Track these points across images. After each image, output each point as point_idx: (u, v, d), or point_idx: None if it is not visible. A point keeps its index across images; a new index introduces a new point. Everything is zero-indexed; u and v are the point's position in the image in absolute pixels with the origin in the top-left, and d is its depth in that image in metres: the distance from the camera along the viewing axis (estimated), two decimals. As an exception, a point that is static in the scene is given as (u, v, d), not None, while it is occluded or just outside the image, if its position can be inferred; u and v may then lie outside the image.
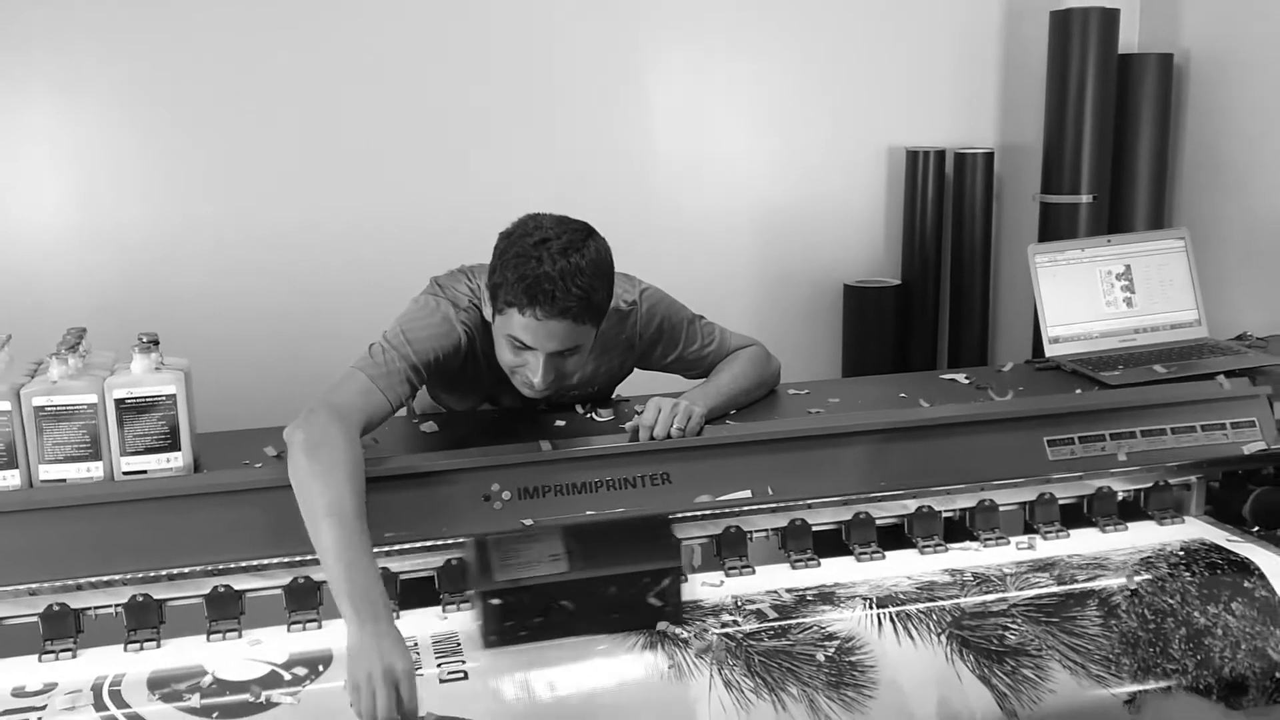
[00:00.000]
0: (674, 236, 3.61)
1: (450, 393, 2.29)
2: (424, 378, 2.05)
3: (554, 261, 1.93)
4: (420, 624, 1.95)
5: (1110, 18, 3.48)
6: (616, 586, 1.89)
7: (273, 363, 3.38)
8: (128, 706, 1.73)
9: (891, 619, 1.96)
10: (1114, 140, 3.56)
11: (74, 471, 1.87)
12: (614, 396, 2.37)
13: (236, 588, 1.95)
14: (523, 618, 1.86)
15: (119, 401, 1.85)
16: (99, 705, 1.73)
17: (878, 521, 2.21)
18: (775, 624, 1.94)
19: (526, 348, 1.99)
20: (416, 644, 1.85)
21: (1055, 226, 3.57)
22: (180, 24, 3.27)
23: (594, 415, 2.22)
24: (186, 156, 3.33)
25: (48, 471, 1.86)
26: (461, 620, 1.96)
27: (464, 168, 3.48)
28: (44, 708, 1.72)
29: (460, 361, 2.11)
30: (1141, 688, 1.94)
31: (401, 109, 3.43)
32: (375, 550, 1.94)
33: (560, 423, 2.18)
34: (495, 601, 1.84)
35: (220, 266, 3.37)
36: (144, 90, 3.28)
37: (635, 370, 2.36)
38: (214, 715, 1.72)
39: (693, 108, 3.64)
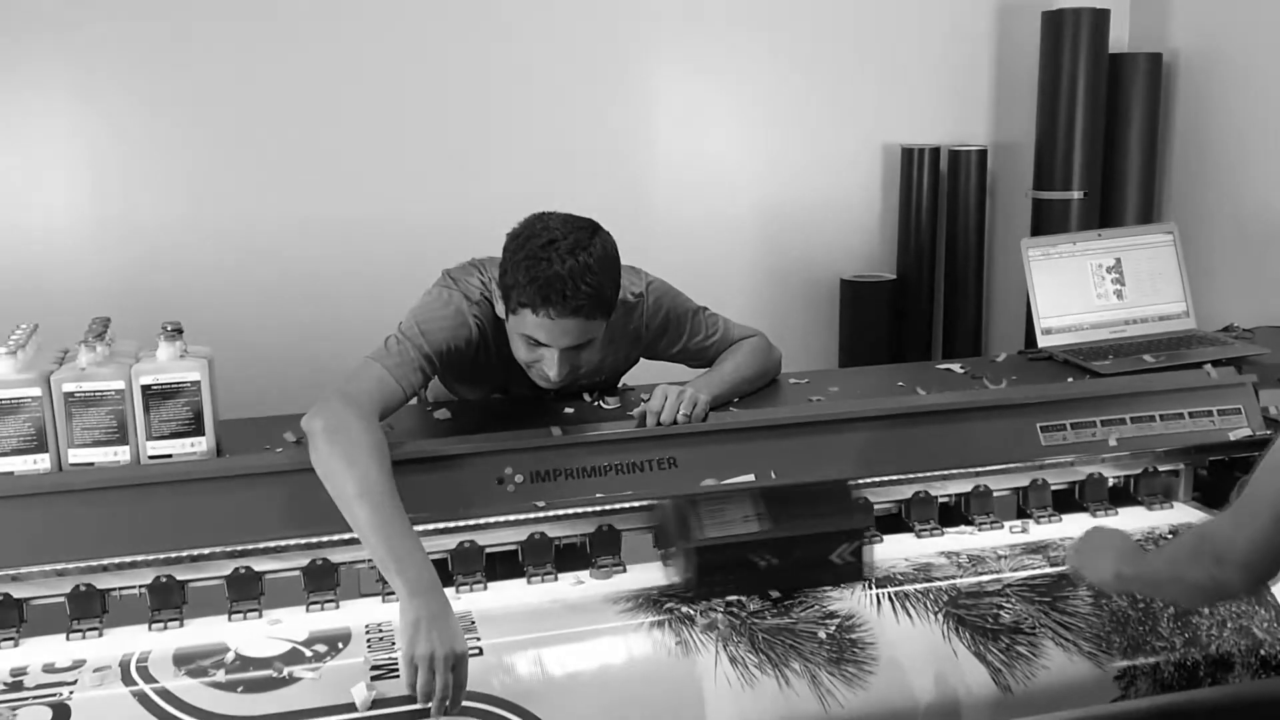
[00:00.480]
0: (675, 232, 3.67)
1: (463, 383, 2.35)
2: (437, 367, 2.10)
3: (563, 261, 1.98)
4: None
5: (1101, 18, 3.55)
6: (808, 546, 2.05)
7: (285, 353, 3.43)
8: (155, 681, 1.78)
9: (890, 598, 2.03)
10: (1105, 137, 3.62)
11: (102, 455, 1.92)
12: (620, 385, 2.43)
13: (257, 569, 2.01)
14: (724, 573, 2.02)
15: (145, 388, 1.91)
16: (127, 680, 1.78)
17: (876, 510, 2.27)
18: (778, 603, 2.00)
19: (541, 344, 2.05)
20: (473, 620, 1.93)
21: (1047, 222, 3.63)
22: (195, 19, 3.31)
23: (602, 403, 2.28)
24: (201, 150, 3.37)
25: (76, 455, 1.91)
26: (474, 600, 2.03)
27: (471, 166, 3.53)
28: (75, 683, 1.77)
29: (473, 353, 2.16)
30: (1132, 664, 2.01)
31: (408, 108, 3.48)
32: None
33: (569, 410, 2.23)
34: (697, 558, 2.00)
35: (234, 259, 3.41)
36: (160, 85, 3.32)
37: (641, 360, 2.42)
38: (238, 689, 1.77)
39: (692, 108, 3.69)
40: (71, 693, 1.75)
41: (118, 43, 3.28)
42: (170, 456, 1.95)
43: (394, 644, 1.86)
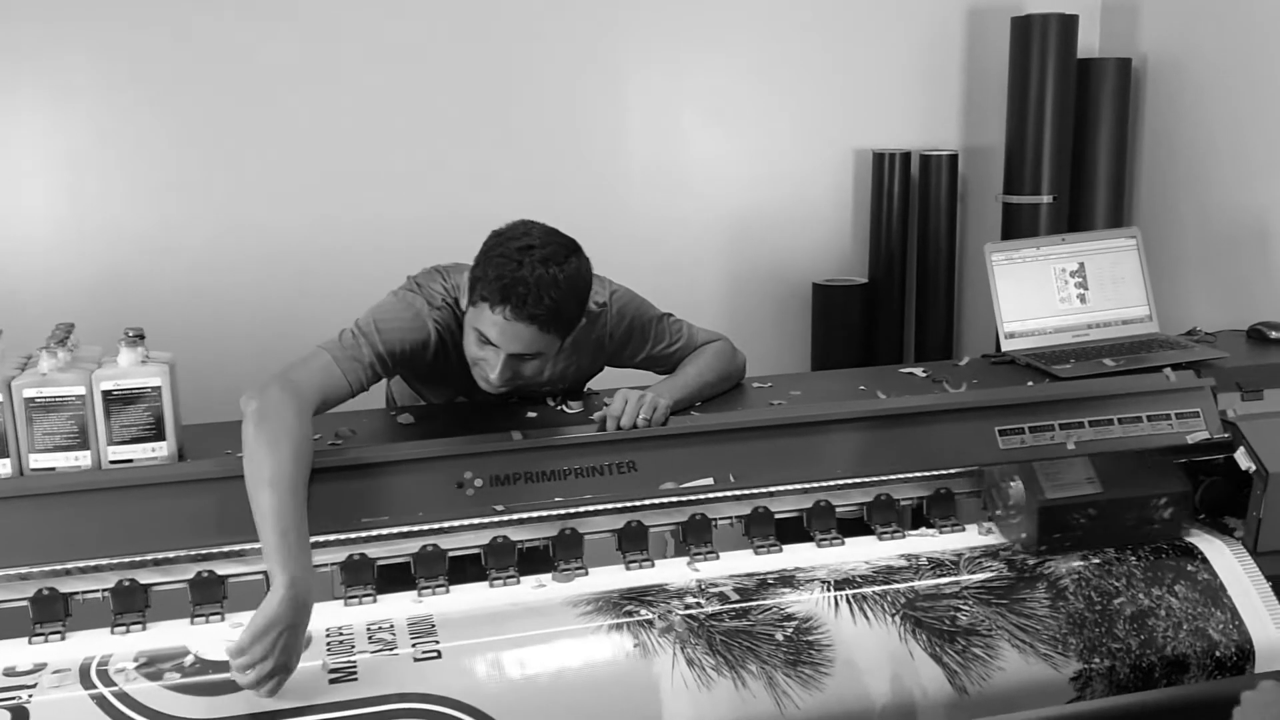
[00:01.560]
0: (646, 238, 3.68)
1: (425, 385, 2.36)
2: (389, 368, 2.12)
3: (533, 269, 2.00)
4: (397, 607, 2.03)
5: (1070, 23, 3.57)
6: (1136, 508, 2.24)
7: (252, 358, 3.43)
8: (113, 685, 1.80)
9: (848, 600, 2.05)
10: (1074, 142, 3.64)
11: (63, 460, 1.93)
12: (585, 389, 2.44)
13: (219, 573, 2.02)
14: (1066, 531, 2.20)
15: (106, 393, 1.92)
16: (86, 683, 1.80)
17: (839, 514, 2.29)
18: (736, 605, 2.02)
19: (490, 344, 2.07)
20: (393, 625, 1.94)
21: (1017, 226, 3.65)
22: (167, 21, 3.31)
23: (564, 407, 2.30)
24: (170, 155, 3.36)
25: (38, 460, 1.92)
26: (435, 603, 2.04)
27: (441, 171, 3.54)
28: (34, 686, 1.79)
29: (430, 357, 2.18)
30: (1087, 666, 2.03)
31: (379, 114, 3.48)
32: (352, 536, 2.04)
33: (532, 414, 2.25)
34: (1040, 517, 2.20)
35: (202, 264, 3.41)
36: (129, 88, 3.31)
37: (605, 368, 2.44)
38: (195, 692, 1.79)
39: (664, 113, 3.70)
40: (31, 695, 1.77)
41: (87, 49, 3.28)
42: (131, 461, 1.96)
43: (354, 647, 1.89)
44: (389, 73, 3.48)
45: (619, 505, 2.17)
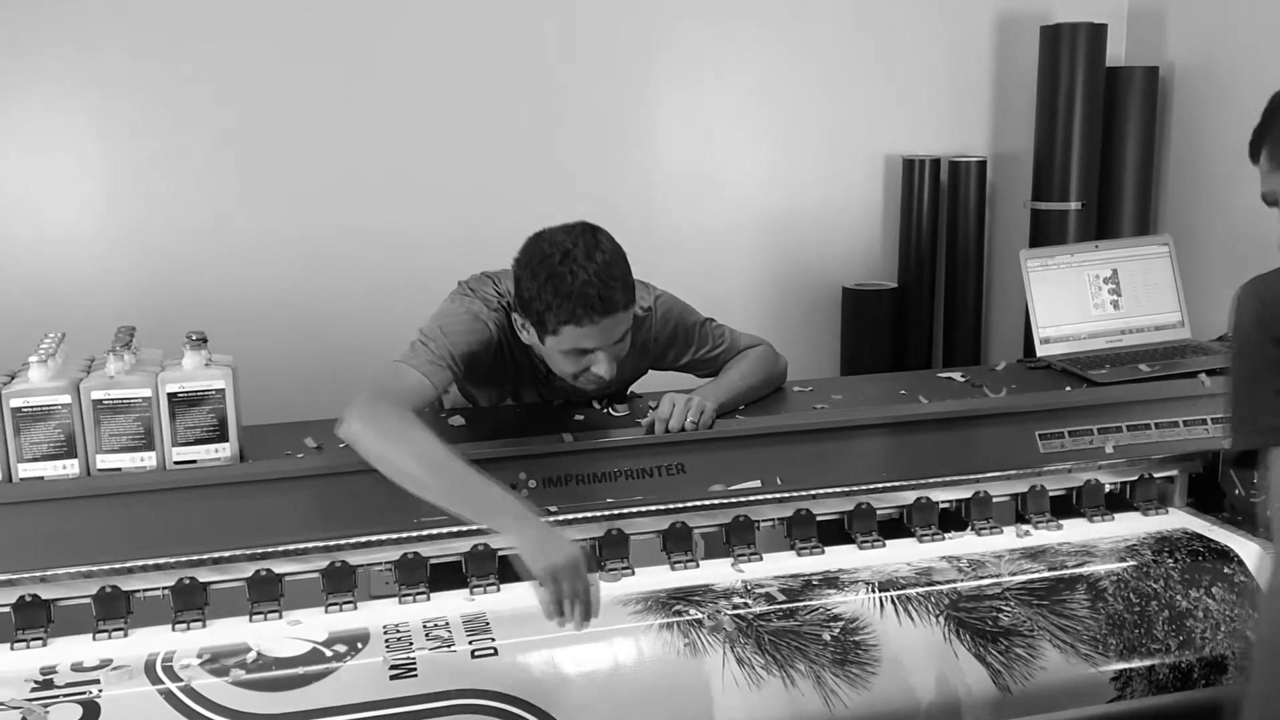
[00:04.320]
0: (678, 242, 3.72)
1: (478, 387, 2.40)
2: (461, 369, 2.16)
3: (585, 269, 2.04)
4: (450, 605, 2.07)
5: (1098, 32, 3.60)
6: None
7: (301, 359, 3.48)
8: (179, 680, 1.83)
9: (893, 601, 2.08)
10: (1102, 149, 3.67)
11: (128, 461, 1.98)
12: (628, 393, 2.48)
13: (277, 571, 2.06)
14: None
15: (171, 395, 1.97)
16: (153, 678, 1.84)
17: (879, 515, 2.33)
18: (783, 605, 2.06)
19: (589, 351, 2.12)
20: (448, 623, 1.98)
21: (1045, 232, 3.68)
22: (210, 28, 3.36)
23: (611, 410, 2.34)
24: (214, 160, 3.41)
25: (104, 461, 1.97)
26: (487, 601, 2.08)
27: (479, 178, 3.57)
28: (102, 681, 1.83)
29: (490, 356, 2.22)
30: (1128, 666, 2.06)
31: (419, 121, 3.52)
32: (406, 535, 2.08)
33: (579, 417, 2.29)
34: None
35: (251, 266, 3.45)
36: (175, 94, 3.36)
37: (649, 370, 2.48)
38: (261, 688, 1.83)
39: (697, 121, 3.74)
40: (100, 691, 1.81)
41: (130, 56, 3.32)
42: (195, 462, 2.00)
43: (411, 643, 1.92)
44: (433, 80, 3.52)
45: (664, 507, 2.20)
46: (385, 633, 1.97)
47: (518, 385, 2.30)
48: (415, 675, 1.85)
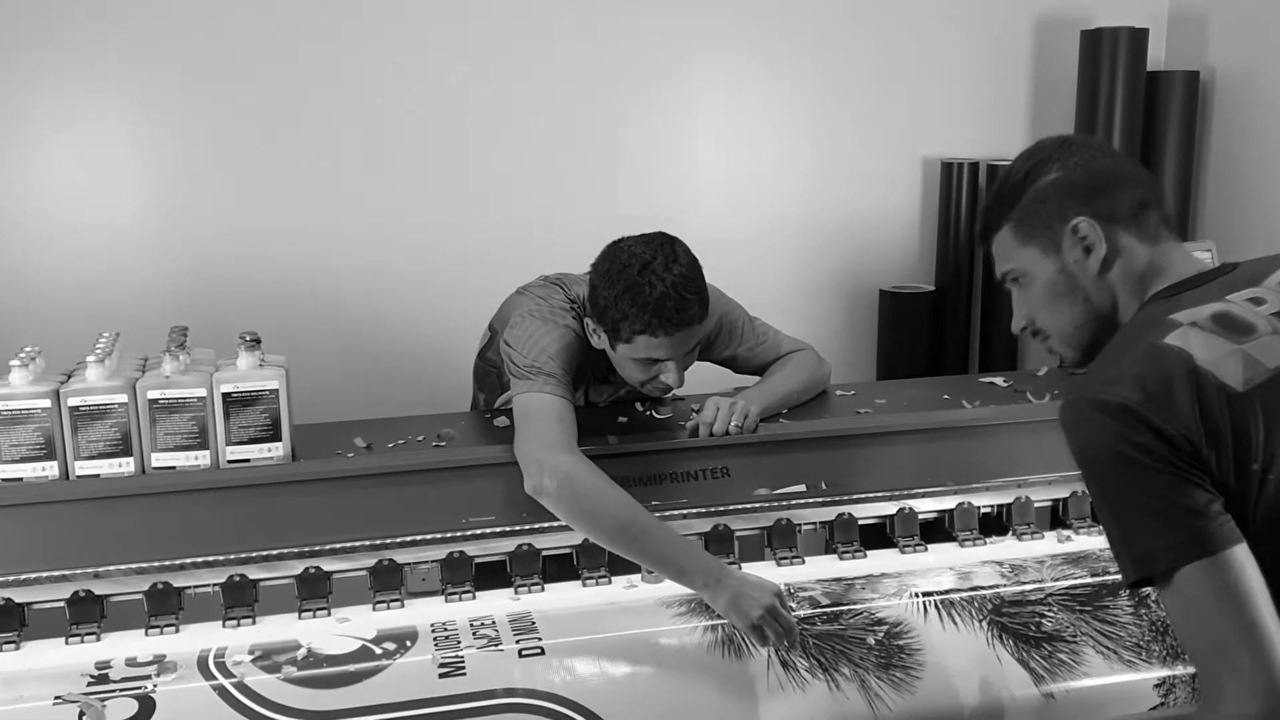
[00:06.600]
0: (717, 244, 3.68)
1: None
2: (573, 378, 2.18)
3: (664, 280, 2.06)
4: (496, 604, 2.09)
5: (1139, 36, 3.59)
6: None
7: (348, 356, 3.52)
8: (233, 676, 1.86)
9: (936, 606, 2.09)
10: (1141, 154, 3.66)
11: (183, 459, 2.01)
12: (670, 395, 2.49)
13: (325, 569, 2.09)
14: None
15: (226, 395, 1.99)
16: (206, 674, 1.87)
17: (920, 518, 2.34)
18: (827, 609, 2.07)
19: (660, 360, 2.13)
20: (494, 621, 2.01)
21: (1083, 236, 3.67)
22: (262, 26, 3.39)
23: (654, 413, 2.35)
24: (262, 161, 3.44)
25: (159, 459, 2.00)
26: (532, 600, 2.10)
27: (528, 181, 3.60)
28: (156, 676, 1.86)
29: (576, 364, 2.23)
30: (1171, 673, 2.06)
31: (473, 125, 3.55)
32: (452, 534, 2.10)
33: (623, 419, 2.31)
34: None
35: (295, 269, 3.48)
36: (225, 95, 3.40)
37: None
38: (313, 685, 1.85)
39: (735, 123, 3.75)
40: (155, 685, 1.84)
41: (182, 49, 3.35)
42: (248, 461, 2.03)
43: (459, 642, 1.95)
44: (476, 85, 3.54)
45: (706, 509, 2.22)
46: (433, 630, 1.99)
47: (586, 387, 2.31)
48: (464, 674, 1.87)
